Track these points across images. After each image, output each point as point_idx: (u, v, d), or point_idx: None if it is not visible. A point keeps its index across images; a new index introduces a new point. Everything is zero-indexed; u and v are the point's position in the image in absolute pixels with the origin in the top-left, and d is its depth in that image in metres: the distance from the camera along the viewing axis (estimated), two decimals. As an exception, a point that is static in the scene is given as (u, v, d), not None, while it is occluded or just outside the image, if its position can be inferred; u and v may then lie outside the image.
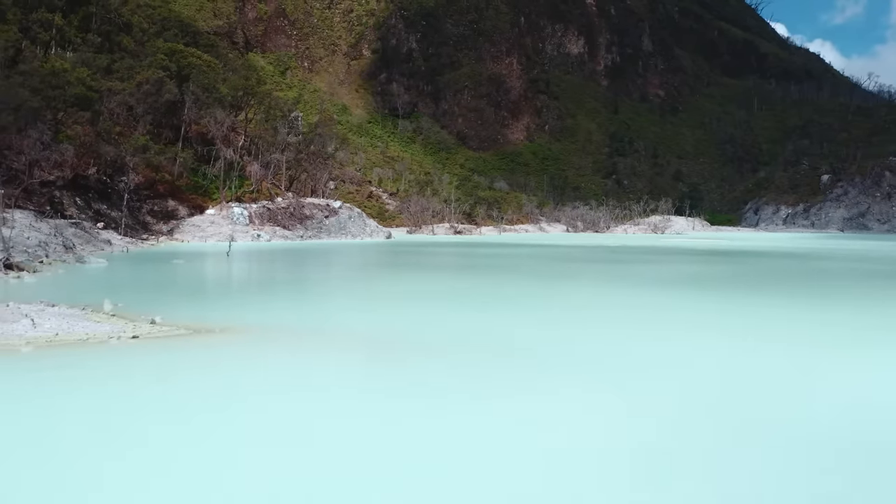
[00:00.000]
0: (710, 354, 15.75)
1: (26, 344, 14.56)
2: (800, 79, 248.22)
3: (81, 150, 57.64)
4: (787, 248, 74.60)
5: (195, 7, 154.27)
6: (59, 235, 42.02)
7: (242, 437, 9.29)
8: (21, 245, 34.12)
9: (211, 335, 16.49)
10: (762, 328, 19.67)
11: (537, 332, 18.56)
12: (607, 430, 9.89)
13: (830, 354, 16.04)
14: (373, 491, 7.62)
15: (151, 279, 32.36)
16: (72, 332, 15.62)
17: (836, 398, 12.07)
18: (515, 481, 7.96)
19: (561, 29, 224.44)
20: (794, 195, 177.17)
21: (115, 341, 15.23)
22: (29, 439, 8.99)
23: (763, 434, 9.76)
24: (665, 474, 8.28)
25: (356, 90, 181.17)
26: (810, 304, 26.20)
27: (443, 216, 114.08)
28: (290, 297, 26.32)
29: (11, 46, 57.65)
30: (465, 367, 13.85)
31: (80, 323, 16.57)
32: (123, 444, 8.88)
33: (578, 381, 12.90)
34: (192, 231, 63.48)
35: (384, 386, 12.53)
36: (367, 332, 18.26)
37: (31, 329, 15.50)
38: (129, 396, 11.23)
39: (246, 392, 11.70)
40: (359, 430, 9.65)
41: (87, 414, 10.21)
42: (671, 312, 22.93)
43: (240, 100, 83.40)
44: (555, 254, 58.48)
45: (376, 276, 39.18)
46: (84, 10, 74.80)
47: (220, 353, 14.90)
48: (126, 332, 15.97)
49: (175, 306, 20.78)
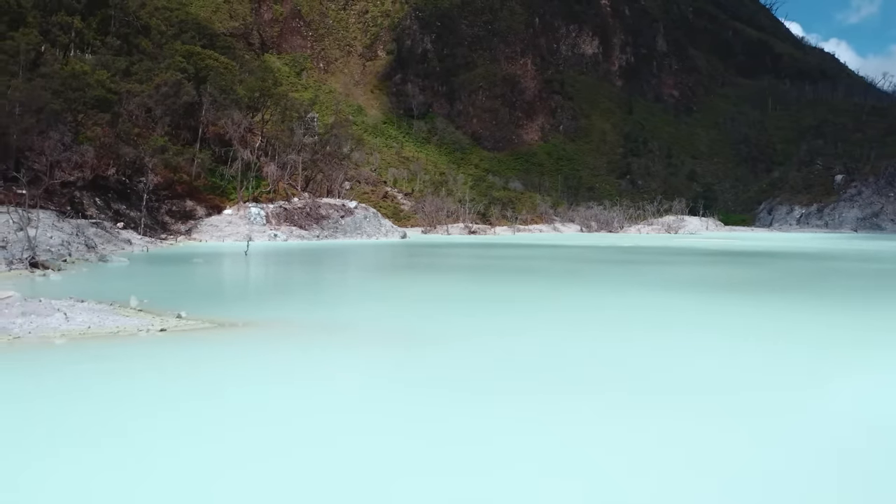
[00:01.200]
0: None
1: (60, 336, 15.33)
2: (814, 79, 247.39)
3: (101, 151, 58.60)
4: (802, 248, 74.18)
5: (211, 8, 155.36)
6: (80, 235, 42.93)
7: (273, 416, 10.24)
8: (44, 244, 34.97)
9: (234, 329, 17.27)
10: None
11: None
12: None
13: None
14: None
15: (173, 277, 33.15)
16: (103, 326, 16.38)
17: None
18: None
19: (575, 29, 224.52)
20: (808, 195, 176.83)
21: (144, 334, 16.00)
22: (75, 423, 9.74)
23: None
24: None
25: (371, 91, 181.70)
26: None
27: (457, 216, 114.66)
28: (307, 296, 27.14)
29: (32, 49, 58.47)
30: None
31: (110, 317, 17.34)
32: (166, 426, 9.65)
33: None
34: (210, 231, 64.27)
35: (397, 376, 13.23)
36: (381, 328, 18.95)
37: (64, 323, 16.26)
38: (163, 383, 12.02)
39: (272, 378, 12.60)
40: (375, 413, 10.40)
41: (125, 400, 10.96)
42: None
43: (256, 101, 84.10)
44: (570, 255, 58.43)
45: (390, 276, 39.79)
46: (102, 12, 75.88)
47: (245, 345, 15.72)
48: (154, 325, 16.73)
49: (198, 302, 21.52)
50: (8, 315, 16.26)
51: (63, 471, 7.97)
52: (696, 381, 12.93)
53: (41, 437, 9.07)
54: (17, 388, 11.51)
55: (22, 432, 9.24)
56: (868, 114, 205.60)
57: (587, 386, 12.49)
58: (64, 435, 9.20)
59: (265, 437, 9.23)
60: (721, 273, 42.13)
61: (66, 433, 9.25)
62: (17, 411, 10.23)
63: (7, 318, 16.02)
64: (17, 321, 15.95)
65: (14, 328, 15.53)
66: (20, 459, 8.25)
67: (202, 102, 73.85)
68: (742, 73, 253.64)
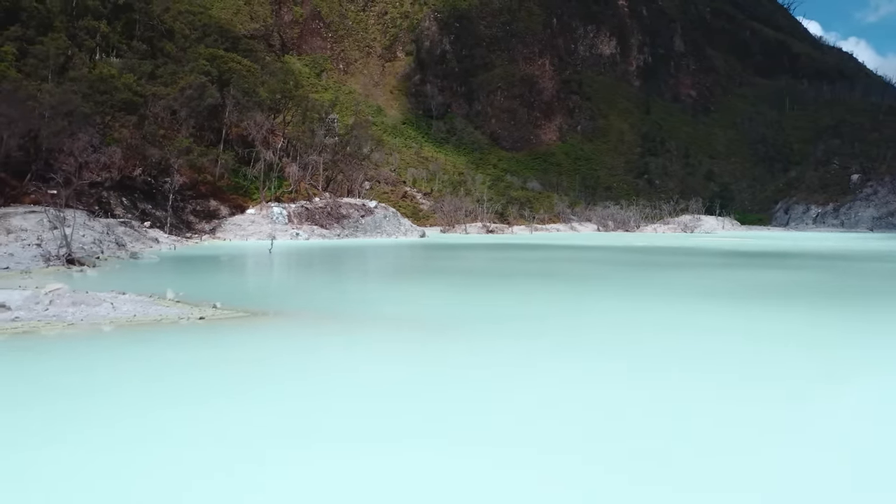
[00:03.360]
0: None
1: (109, 323, 16.90)
2: (832, 78, 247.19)
3: (128, 153, 60.22)
4: (817, 248, 74.91)
5: (232, 10, 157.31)
6: (111, 233, 44.62)
7: (313, 389, 11.79)
8: (77, 242, 36.50)
9: (266, 317, 18.92)
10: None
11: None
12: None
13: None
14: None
15: (203, 273, 34.73)
16: (146, 315, 17.91)
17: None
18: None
19: (593, 30, 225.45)
20: (825, 195, 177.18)
21: (184, 322, 17.55)
22: (158, 390, 11.30)
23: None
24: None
25: (391, 92, 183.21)
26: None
27: (475, 216, 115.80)
28: (331, 289, 28.67)
29: (62, 54, 60.24)
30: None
31: (152, 307, 18.87)
32: (217, 399, 11.24)
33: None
34: (234, 230, 65.80)
35: (420, 360, 14.74)
36: (400, 316, 20.46)
37: (111, 311, 17.80)
38: (207, 363, 13.60)
39: (307, 354, 14.33)
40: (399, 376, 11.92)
41: (178, 375, 12.51)
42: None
43: (278, 103, 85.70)
44: (590, 257, 58.80)
45: (409, 268, 41.24)
46: (127, 16, 77.66)
47: (279, 331, 17.40)
48: (193, 314, 18.25)
49: (230, 295, 22.99)
50: (60, 305, 17.78)
51: (153, 420, 9.46)
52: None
53: (131, 395, 10.72)
54: (89, 362, 13.29)
55: (108, 394, 10.90)
56: (885, 113, 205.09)
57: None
58: (153, 395, 10.97)
59: (308, 401, 10.89)
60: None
61: (151, 394, 10.90)
62: (104, 377, 11.86)
63: (60, 308, 17.56)
64: (70, 310, 17.49)
65: (67, 316, 17.08)
66: (115, 412, 9.78)
67: (225, 104, 75.56)
68: (760, 72, 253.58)
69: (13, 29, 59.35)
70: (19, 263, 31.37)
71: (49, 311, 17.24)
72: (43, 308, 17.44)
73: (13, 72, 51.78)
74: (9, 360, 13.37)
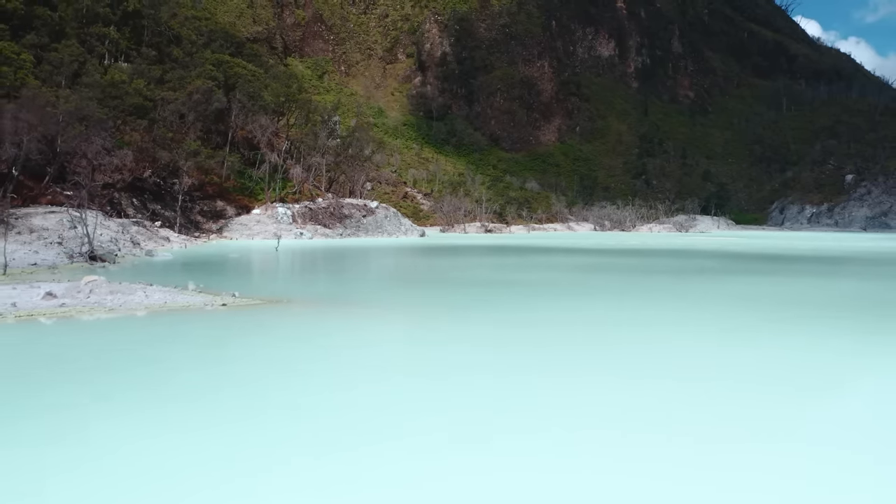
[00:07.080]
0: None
1: (144, 309, 19.40)
2: (830, 79, 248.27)
3: (139, 155, 62.32)
4: (801, 248, 75.24)
5: (235, 14, 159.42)
6: (125, 232, 47.05)
7: (331, 367, 14.35)
8: (96, 241, 38.82)
9: (281, 304, 21.62)
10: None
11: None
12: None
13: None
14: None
15: (217, 268, 37.36)
16: (175, 302, 20.41)
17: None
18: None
19: (592, 32, 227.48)
20: (819, 195, 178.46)
21: (209, 308, 20.04)
22: (179, 369, 13.79)
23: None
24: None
25: (391, 93, 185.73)
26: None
27: (475, 215, 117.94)
28: (337, 281, 31.21)
29: (75, 60, 62.49)
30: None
31: (179, 296, 21.36)
32: (254, 356, 13.74)
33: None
34: (240, 229, 68.10)
35: (423, 337, 17.27)
36: (403, 302, 22.99)
37: (145, 299, 20.31)
38: (231, 342, 16.19)
39: (321, 331, 16.93)
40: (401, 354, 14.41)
41: (206, 351, 15.04)
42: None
43: (282, 106, 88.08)
44: (587, 263, 60.20)
45: (407, 267, 43.60)
46: (135, 23, 79.84)
47: (295, 316, 20.15)
48: (216, 302, 20.74)
49: (246, 286, 25.52)
50: (99, 293, 20.24)
51: (195, 380, 11.89)
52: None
53: (182, 361, 13.15)
54: (146, 335, 15.78)
55: (163, 361, 13.34)
56: (882, 114, 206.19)
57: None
58: (197, 359, 13.47)
59: (330, 372, 13.40)
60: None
61: (195, 358, 13.34)
62: (154, 348, 14.29)
63: (100, 296, 20.03)
64: (108, 298, 19.98)
65: (107, 303, 19.58)
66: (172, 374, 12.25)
67: (231, 108, 77.88)
68: (757, 74, 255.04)
69: (29, 37, 61.48)
70: (45, 260, 33.82)
71: (91, 299, 19.76)
72: (84, 296, 19.94)
73: (31, 79, 54.03)
74: (77, 334, 16.15)
